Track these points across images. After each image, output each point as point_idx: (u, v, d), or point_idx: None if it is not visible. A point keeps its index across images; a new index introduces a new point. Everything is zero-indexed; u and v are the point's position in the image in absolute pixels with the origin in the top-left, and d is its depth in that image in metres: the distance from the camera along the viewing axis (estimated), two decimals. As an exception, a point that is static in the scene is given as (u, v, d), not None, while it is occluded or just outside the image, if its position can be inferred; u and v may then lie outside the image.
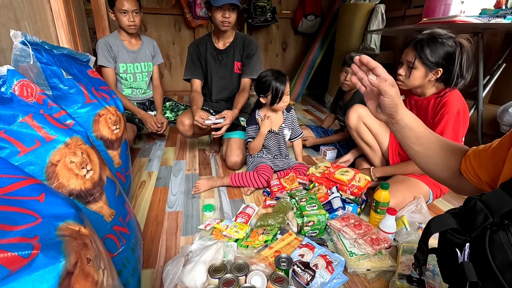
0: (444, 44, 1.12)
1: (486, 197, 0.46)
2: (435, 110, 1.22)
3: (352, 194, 1.26)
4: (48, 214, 0.38)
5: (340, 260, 0.96)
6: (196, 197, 1.40)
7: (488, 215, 0.44)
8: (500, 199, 0.44)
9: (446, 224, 0.51)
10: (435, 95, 1.24)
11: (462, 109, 1.17)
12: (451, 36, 1.14)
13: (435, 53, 1.13)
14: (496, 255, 0.41)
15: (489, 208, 0.45)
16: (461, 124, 1.17)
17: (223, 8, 1.51)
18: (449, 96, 1.19)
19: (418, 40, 1.16)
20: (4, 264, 0.26)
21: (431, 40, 1.14)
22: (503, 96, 1.93)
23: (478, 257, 0.44)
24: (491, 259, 0.41)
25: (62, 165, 0.63)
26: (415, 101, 1.31)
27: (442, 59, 1.13)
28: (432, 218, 0.54)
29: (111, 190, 0.77)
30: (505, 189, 0.45)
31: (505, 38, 1.93)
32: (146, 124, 1.89)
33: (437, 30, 1.16)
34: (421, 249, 0.58)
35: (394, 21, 2.87)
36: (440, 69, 1.15)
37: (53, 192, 0.44)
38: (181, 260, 0.89)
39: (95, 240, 0.42)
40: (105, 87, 1.09)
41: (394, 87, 0.64)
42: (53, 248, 0.31)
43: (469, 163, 0.65)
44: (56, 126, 0.65)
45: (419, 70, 1.18)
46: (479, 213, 0.45)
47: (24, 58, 0.79)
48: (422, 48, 1.14)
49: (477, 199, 0.47)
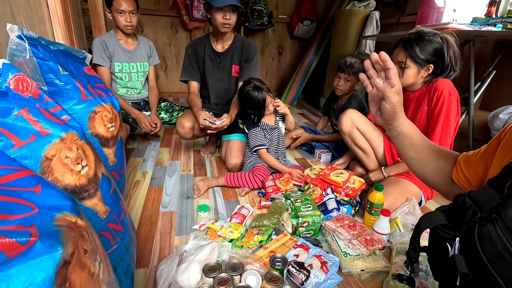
0: (431, 41, 1.17)
1: (474, 193, 0.48)
2: (428, 96, 1.25)
3: (346, 195, 1.26)
4: (44, 205, 0.38)
5: (335, 261, 0.96)
6: (190, 197, 1.40)
7: (477, 211, 0.46)
8: (487, 194, 0.46)
9: (437, 220, 0.52)
10: (425, 84, 1.28)
11: (452, 91, 1.20)
12: (436, 33, 1.19)
13: (424, 50, 1.17)
14: (486, 246, 0.42)
15: (477, 204, 0.46)
16: (454, 105, 1.20)
17: (224, 10, 1.50)
18: (437, 81, 1.23)
19: (406, 39, 1.21)
20: (2, 250, 0.26)
21: (418, 38, 1.18)
22: (494, 102, 1.97)
23: (468, 250, 0.46)
24: (481, 251, 0.42)
25: (57, 159, 0.63)
26: (407, 95, 1.34)
27: (432, 55, 1.18)
28: (423, 215, 0.55)
29: (106, 187, 0.76)
30: (491, 185, 0.46)
31: (495, 46, 1.98)
32: (140, 124, 1.87)
33: (423, 29, 1.22)
34: (412, 246, 0.59)
35: (389, 28, 2.92)
36: (431, 65, 1.20)
37: (49, 184, 0.44)
38: (175, 259, 0.88)
39: (91, 233, 0.42)
40: (101, 85, 1.08)
41: (398, 95, 0.64)
42: (51, 236, 0.31)
43: (460, 170, 0.67)
44: (52, 121, 0.65)
45: (411, 68, 1.21)
46: (468, 209, 0.47)
47: (20, 53, 0.79)
48: (411, 47, 1.18)
49: (466, 196, 0.49)
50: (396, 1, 2.87)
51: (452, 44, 1.17)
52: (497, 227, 0.42)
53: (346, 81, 1.74)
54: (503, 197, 0.43)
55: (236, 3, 1.48)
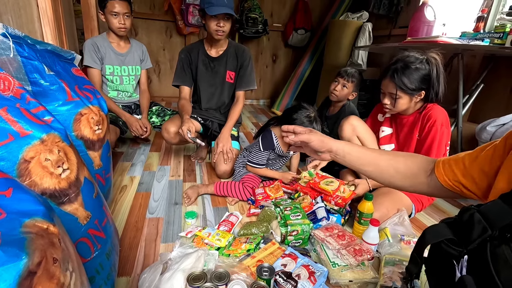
0: (418, 69, 1.16)
1: (485, 208, 0.44)
2: (421, 125, 1.26)
3: (336, 204, 1.26)
4: (13, 210, 0.36)
5: (323, 271, 0.94)
6: (179, 203, 1.37)
7: (487, 228, 0.42)
8: (500, 211, 0.42)
9: (443, 234, 0.48)
10: (418, 110, 1.28)
11: (445, 122, 1.21)
12: (422, 60, 1.17)
13: (413, 81, 1.17)
14: (500, 270, 0.39)
15: (488, 220, 0.42)
16: (446, 135, 1.21)
17: (218, 17, 1.51)
18: (431, 109, 1.23)
19: (394, 70, 1.19)
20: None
21: (405, 68, 1.17)
22: (482, 114, 2.01)
23: (479, 271, 0.42)
24: (495, 274, 0.39)
25: (36, 162, 0.60)
26: (400, 119, 1.34)
27: (421, 83, 1.18)
28: (427, 228, 0.51)
29: (88, 191, 0.73)
30: (505, 201, 0.43)
31: (483, 60, 2.03)
32: (130, 127, 1.84)
33: (408, 58, 1.19)
34: (414, 261, 0.55)
35: (381, 39, 2.98)
36: (422, 91, 1.20)
37: (23, 188, 0.42)
38: (159, 268, 0.85)
39: (64, 240, 0.39)
40: (89, 86, 1.06)
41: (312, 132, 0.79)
42: (14, 245, 0.28)
43: (450, 171, 0.66)
44: (32, 121, 0.62)
45: (403, 98, 1.21)
46: (477, 225, 0.43)
47: (3, 51, 0.76)
48: (400, 79, 1.17)
49: (475, 210, 0.45)
50: (388, 14, 2.93)
51: (439, 64, 1.17)
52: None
53: (343, 87, 1.75)
54: None
55: (230, 12, 1.49)
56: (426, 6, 2.12)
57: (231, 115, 1.72)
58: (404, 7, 2.81)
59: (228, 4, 1.48)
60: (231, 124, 1.70)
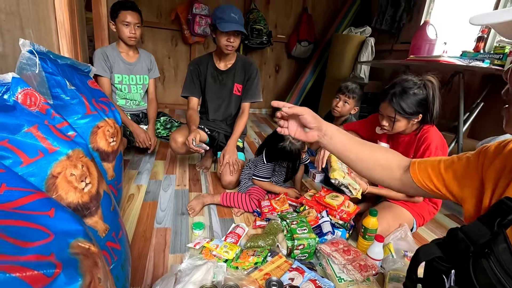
0: (416, 94, 1.20)
1: (466, 228, 0.53)
2: (416, 146, 1.29)
3: (341, 219, 1.28)
4: (59, 231, 0.38)
5: (330, 286, 0.96)
6: (185, 213, 1.39)
7: (469, 244, 0.51)
8: (478, 230, 0.51)
9: (432, 252, 0.57)
10: (414, 132, 1.32)
11: (440, 145, 1.25)
12: (419, 85, 1.21)
13: (410, 105, 1.20)
14: (480, 279, 0.47)
15: (469, 238, 0.51)
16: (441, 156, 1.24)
17: (229, 33, 1.55)
18: (427, 131, 1.27)
19: (392, 95, 1.22)
20: (29, 282, 0.26)
21: (403, 93, 1.21)
22: (482, 131, 2.06)
23: (464, 281, 0.50)
24: (476, 283, 0.48)
25: (62, 177, 0.63)
26: (396, 137, 1.38)
27: (418, 107, 1.21)
28: (419, 247, 0.59)
29: (106, 204, 0.76)
30: (482, 222, 0.52)
31: (482, 79, 2.09)
32: (137, 138, 1.86)
33: (407, 83, 1.23)
34: (409, 278, 0.62)
35: (383, 54, 3.05)
36: (420, 115, 1.24)
37: (62, 208, 0.44)
38: (171, 280, 0.87)
39: (102, 259, 0.42)
40: (104, 99, 1.09)
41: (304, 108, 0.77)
42: (71, 267, 0.31)
43: (425, 175, 0.74)
44: (59, 138, 0.65)
45: (401, 121, 1.25)
46: (461, 242, 0.52)
47: (29, 67, 0.79)
48: (398, 104, 1.21)
49: (458, 230, 0.54)
50: (390, 30, 3.01)
51: (435, 88, 1.21)
52: (490, 261, 0.47)
53: (345, 103, 1.79)
54: (493, 233, 0.49)
55: (241, 29, 1.53)
56: (428, 25, 2.18)
57: (236, 126, 1.75)
58: (406, 23, 2.88)
59: (239, 21, 1.53)
60: (237, 135, 1.73)
